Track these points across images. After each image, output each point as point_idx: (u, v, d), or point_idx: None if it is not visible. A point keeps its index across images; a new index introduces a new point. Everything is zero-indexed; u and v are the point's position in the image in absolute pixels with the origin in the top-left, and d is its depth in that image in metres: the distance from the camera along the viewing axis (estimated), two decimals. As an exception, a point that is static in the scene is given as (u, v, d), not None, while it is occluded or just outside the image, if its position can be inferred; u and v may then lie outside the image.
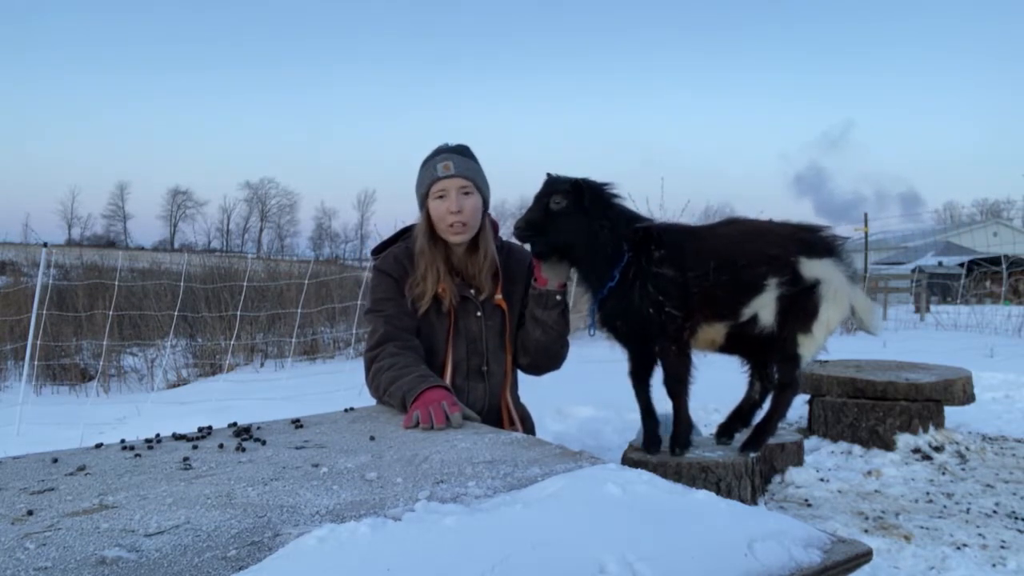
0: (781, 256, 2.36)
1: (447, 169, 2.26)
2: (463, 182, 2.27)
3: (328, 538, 0.98)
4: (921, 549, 2.40)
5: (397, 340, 2.21)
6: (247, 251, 55.22)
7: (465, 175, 2.28)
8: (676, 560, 0.95)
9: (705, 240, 2.42)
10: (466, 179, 2.28)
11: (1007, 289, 15.53)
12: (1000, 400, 4.88)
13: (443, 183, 2.25)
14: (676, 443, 2.54)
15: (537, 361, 2.42)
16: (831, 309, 2.37)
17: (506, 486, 1.29)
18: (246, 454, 1.55)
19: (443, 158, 2.29)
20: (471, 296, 2.33)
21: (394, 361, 2.13)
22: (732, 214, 2.87)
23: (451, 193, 2.25)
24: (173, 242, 65.98)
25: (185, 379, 8.06)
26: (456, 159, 2.29)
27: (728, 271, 2.33)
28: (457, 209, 2.24)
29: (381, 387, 2.12)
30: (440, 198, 2.26)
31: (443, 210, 2.25)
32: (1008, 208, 47.50)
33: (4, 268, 13.43)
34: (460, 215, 2.24)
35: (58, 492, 1.30)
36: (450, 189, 2.25)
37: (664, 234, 2.38)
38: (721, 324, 2.39)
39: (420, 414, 1.85)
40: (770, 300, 2.35)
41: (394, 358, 2.14)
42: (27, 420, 5.52)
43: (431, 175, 2.28)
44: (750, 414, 2.69)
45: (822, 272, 2.36)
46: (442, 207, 2.25)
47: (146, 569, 0.97)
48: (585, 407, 4.43)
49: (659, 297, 2.31)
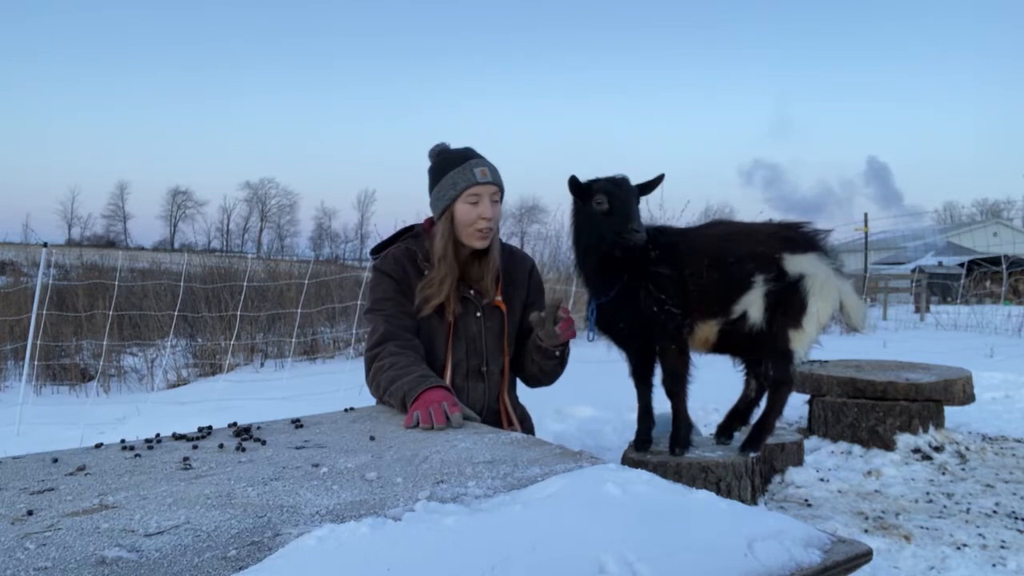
0: (766, 253, 2.41)
1: (485, 175, 2.27)
2: (495, 189, 2.28)
3: (328, 538, 0.98)
4: (921, 549, 2.40)
5: (398, 339, 2.21)
6: (247, 251, 55.24)
7: (498, 183, 2.30)
8: (676, 560, 0.95)
9: (695, 240, 2.49)
10: (498, 187, 2.30)
11: (1007, 289, 15.53)
12: (1000, 400, 4.88)
13: (479, 188, 2.25)
14: (676, 443, 2.54)
15: (534, 383, 2.50)
16: (819, 302, 2.41)
17: (506, 486, 1.29)
18: (246, 454, 1.55)
19: (478, 163, 2.29)
20: (471, 297, 2.33)
21: (395, 360, 2.13)
22: (729, 215, 2.95)
23: (484, 199, 2.26)
24: (173, 242, 66.01)
25: (185, 379, 8.06)
26: (490, 166, 2.31)
27: (719, 269, 2.39)
28: (490, 216, 2.25)
29: (381, 387, 2.12)
30: (473, 203, 2.26)
31: (475, 215, 2.25)
32: (1008, 208, 47.54)
33: (4, 268, 13.42)
34: (491, 221, 2.26)
35: (58, 492, 1.30)
36: (484, 195, 2.26)
37: (659, 235, 2.44)
38: (714, 321, 2.44)
39: (420, 414, 1.85)
40: (758, 297, 2.40)
41: (395, 357, 2.14)
42: (27, 420, 5.52)
43: (468, 179, 2.26)
44: (748, 412, 2.71)
45: (806, 267, 2.41)
46: (474, 212, 2.25)
47: (146, 569, 0.97)
48: (585, 407, 4.43)
49: (660, 295, 2.35)
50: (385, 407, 2.12)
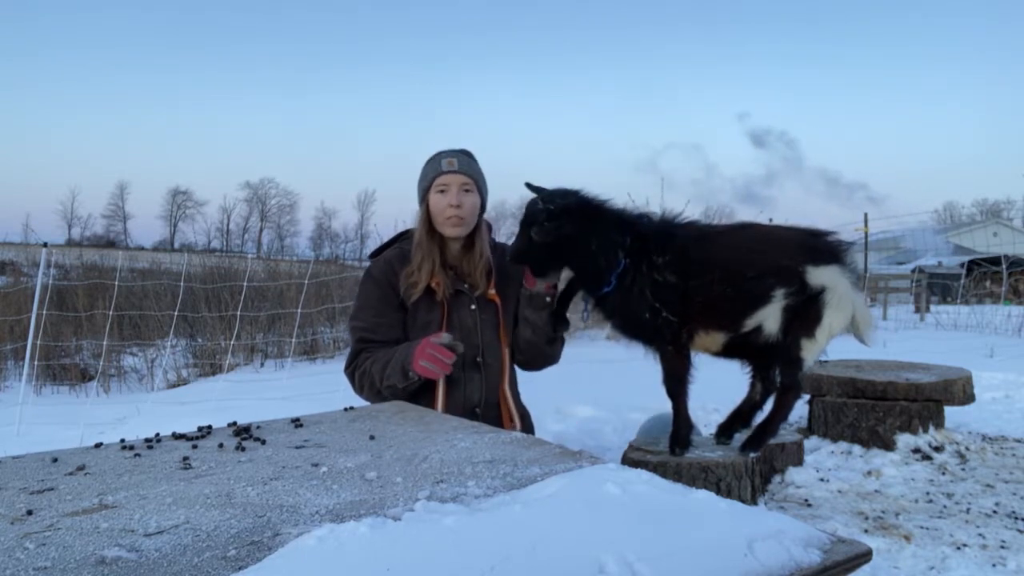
0: (789, 266, 2.32)
1: (451, 165, 2.35)
2: (465, 179, 2.36)
3: (328, 538, 0.97)
4: (921, 549, 2.40)
5: (367, 351, 2.35)
6: (247, 251, 55.31)
7: (468, 173, 2.37)
8: (676, 560, 0.95)
9: (713, 247, 2.36)
10: (468, 177, 2.37)
11: (1007, 289, 15.53)
12: (1000, 400, 4.88)
13: (446, 177, 2.34)
14: (676, 443, 2.54)
15: (530, 359, 2.50)
16: (835, 315, 2.36)
17: (506, 486, 1.29)
18: (246, 454, 1.55)
19: (448, 154, 2.39)
20: (465, 290, 2.37)
21: (375, 358, 2.27)
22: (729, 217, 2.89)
23: (452, 188, 2.33)
24: (173, 242, 66.01)
25: (185, 379, 8.06)
26: (461, 158, 2.39)
27: (734, 283, 2.29)
28: (457, 204, 2.32)
29: (376, 381, 2.21)
30: (441, 192, 2.35)
31: (443, 203, 2.33)
32: (1008, 208, 47.53)
33: (4, 268, 13.42)
34: (459, 209, 2.32)
35: (58, 492, 1.30)
36: (452, 184, 2.34)
37: (668, 239, 2.33)
38: (720, 334, 2.37)
39: (427, 364, 2.11)
40: (776, 311, 2.32)
41: (372, 356, 2.30)
42: (27, 420, 5.52)
43: (435, 169, 2.37)
44: (750, 415, 2.69)
45: (828, 279, 2.33)
46: (443, 201, 2.34)
47: (146, 569, 0.97)
48: (585, 407, 4.43)
49: (656, 304, 2.29)
50: (385, 407, 2.13)
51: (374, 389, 2.22)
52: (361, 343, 2.34)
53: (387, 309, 2.35)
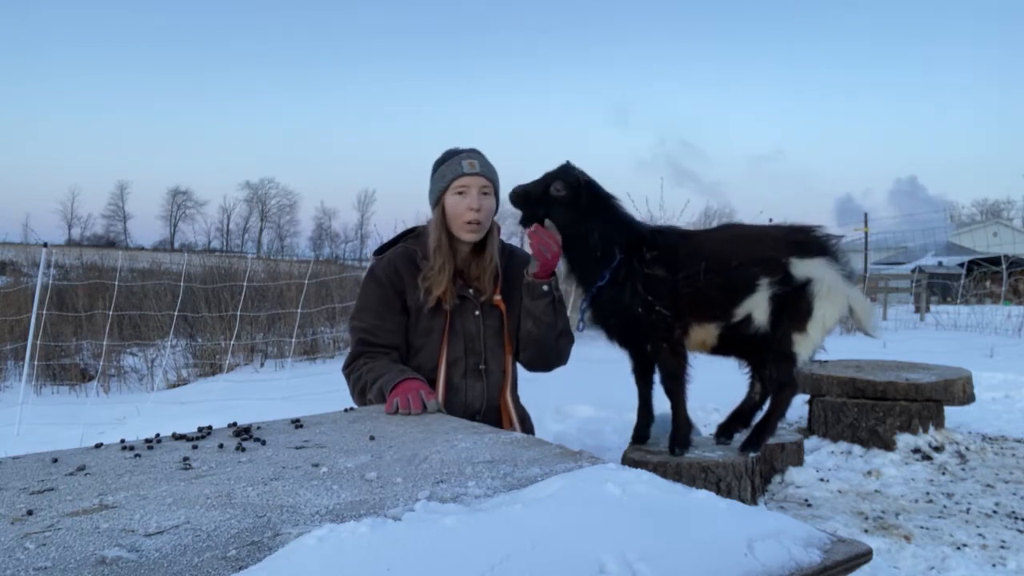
0: (773, 257, 2.40)
1: (472, 167, 2.27)
2: (485, 182, 2.29)
3: (328, 538, 0.97)
4: (921, 549, 2.40)
5: (367, 353, 2.29)
6: (247, 251, 55.21)
7: (488, 175, 2.31)
8: (676, 560, 0.95)
9: (698, 243, 2.47)
10: (488, 180, 2.30)
11: (1007, 289, 15.52)
12: (1000, 400, 4.88)
13: (466, 179, 2.26)
14: (675, 443, 2.54)
15: (536, 356, 2.39)
16: (825, 307, 2.40)
17: (506, 486, 1.29)
18: (246, 454, 1.55)
19: (468, 155, 2.31)
20: (470, 296, 2.33)
21: (372, 365, 2.22)
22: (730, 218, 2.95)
23: (472, 190, 2.26)
24: (173, 242, 65.99)
25: (185, 379, 8.06)
26: (480, 159, 2.32)
27: (720, 272, 2.37)
28: (478, 207, 2.26)
29: (366, 389, 2.20)
30: (460, 194, 2.27)
31: (463, 206, 2.26)
32: (1008, 208, 47.50)
33: (4, 268, 13.41)
34: (479, 213, 2.26)
35: (58, 492, 1.30)
36: (472, 187, 2.27)
37: (657, 236, 2.43)
38: (712, 325, 2.43)
39: (399, 400, 1.95)
40: (762, 300, 2.38)
41: (371, 362, 2.24)
42: (27, 420, 5.52)
43: (455, 170, 2.28)
44: (750, 415, 2.70)
45: (814, 271, 2.40)
46: (462, 203, 2.26)
47: (146, 569, 0.97)
48: (585, 407, 4.43)
49: (648, 297, 2.34)
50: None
51: (363, 396, 2.22)
52: (361, 345, 2.30)
53: (388, 312, 2.30)
